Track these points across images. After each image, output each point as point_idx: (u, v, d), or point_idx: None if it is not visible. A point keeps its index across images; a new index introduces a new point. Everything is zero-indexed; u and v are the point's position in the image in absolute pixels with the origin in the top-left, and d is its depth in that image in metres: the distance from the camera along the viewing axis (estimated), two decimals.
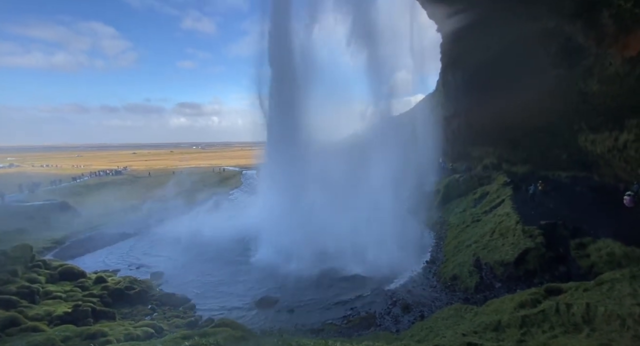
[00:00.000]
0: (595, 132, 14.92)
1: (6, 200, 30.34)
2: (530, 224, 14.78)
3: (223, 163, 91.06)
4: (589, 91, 13.28)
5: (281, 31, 31.48)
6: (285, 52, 31.65)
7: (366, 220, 22.14)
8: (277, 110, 33.13)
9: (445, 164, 33.29)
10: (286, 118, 32.68)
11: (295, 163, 30.68)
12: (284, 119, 32.74)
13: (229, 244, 22.86)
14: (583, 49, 12.30)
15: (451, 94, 27.57)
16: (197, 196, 41.30)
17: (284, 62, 31.87)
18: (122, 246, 24.25)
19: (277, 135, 33.19)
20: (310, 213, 22.85)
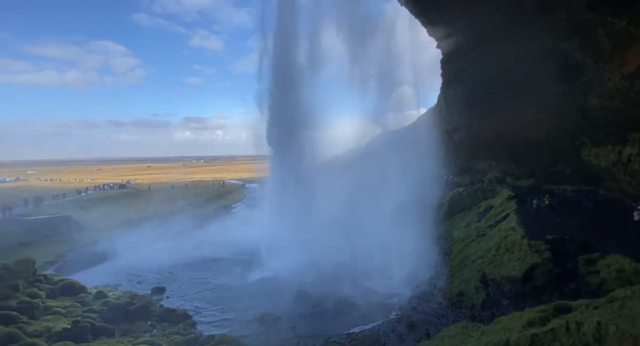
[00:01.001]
0: (598, 146, 14.92)
1: (13, 214, 30.53)
2: (537, 239, 14.54)
3: (226, 176, 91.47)
4: (590, 106, 13.39)
5: (284, 47, 32.45)
6: (288, 66, 32.50)
7: (370, 234, 21.95)
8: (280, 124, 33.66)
9: (448, 177, 33.21)
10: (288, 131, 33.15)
11: (298, 177, 30.81)
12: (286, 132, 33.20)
13: (231, 259, 22.69)
14: (581, 65, 12.50)
15: (452, 109, 27.86)
16: (200, 210, 41.31)
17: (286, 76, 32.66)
18: (123, 260, 24.09)
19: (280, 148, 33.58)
20: (314, 227, 22.68)
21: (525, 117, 18.74)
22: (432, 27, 23.71)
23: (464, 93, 25.08)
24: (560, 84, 14.50)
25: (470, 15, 16.23)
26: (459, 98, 25.72)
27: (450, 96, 27.56)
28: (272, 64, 33.47)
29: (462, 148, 28.83)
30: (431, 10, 19.66)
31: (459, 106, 26.31)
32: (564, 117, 15.80)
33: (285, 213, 28.05)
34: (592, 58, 11.65)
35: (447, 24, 19.77)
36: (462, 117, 26.54)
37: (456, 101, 26.55)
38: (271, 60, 33.49)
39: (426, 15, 21.82)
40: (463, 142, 28.23)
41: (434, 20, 21.52)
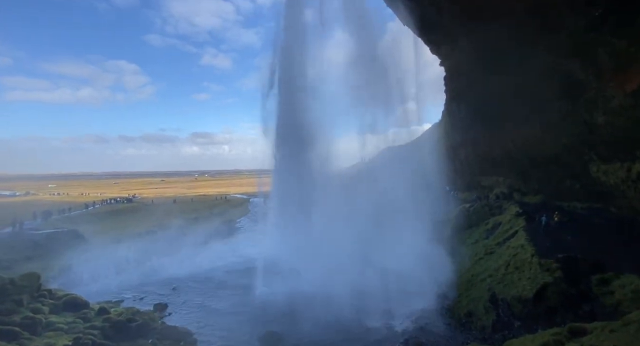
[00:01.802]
0: (606, 163, 14.76)
1: (23, 228, 30.91)
2: (547, 257, 14.16)
3: (231, 190, 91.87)
4: (595, 123, 13.38)
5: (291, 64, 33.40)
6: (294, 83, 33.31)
7: (374, 251, 21.63)
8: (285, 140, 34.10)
9: (454, 193, 32.88)
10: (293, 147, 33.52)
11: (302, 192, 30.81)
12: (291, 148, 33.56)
13: (234, 275, 22.40)
14: (584, 83, 12.61)
15: (457, 125, 28.00)
16: (204, 224, 41.28)
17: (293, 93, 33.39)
18: (127, 275, 24.00)
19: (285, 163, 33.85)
20: (319, 242, 22.47)
21: (530, 133, 18.74)
22: (435, 46, 24.27)
23: (468, 110, 25.28)
24: (564, 101, 14.58)
25: (471, 35, 16.64)
26: (463, 114, 25.91)
27: (455, 112, 27.78)
28: (279, 80, 34.41)
29: (467, 165, 28.72)
30: (433, 31, 20.22)
31: (464, 122, 26.45)
32: (570, 133, 15.76)
33: (288, 229, 27.91)
34: (594, 76, 11.77)
35: (450, 43, 20.25)
36: (467, 133, 26.62)
37: (460, 117, 26.72)
38: (278, 77, 34.46)
39: (428, 35, 22.42)
40: (469, 158, 28.16)
41: (436, 40, 22.08)
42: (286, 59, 33.73)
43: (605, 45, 10.19)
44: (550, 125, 16.77)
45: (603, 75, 11.42)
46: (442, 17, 17.40)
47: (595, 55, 10.83)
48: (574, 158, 16.73)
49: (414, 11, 19.56)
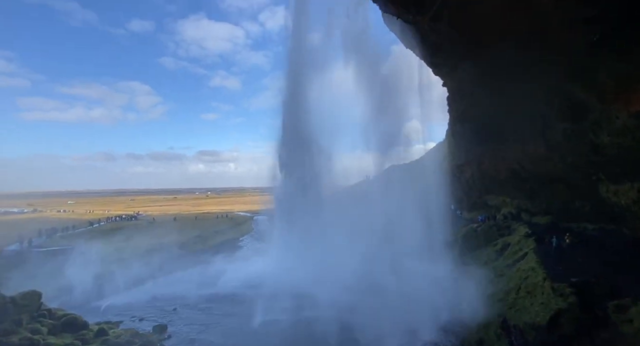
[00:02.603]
0: (616, 183, 14.53)
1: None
2: (559, 281, 13.65)
3: (235, 208, 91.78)
4: (601, 143, 13.31)
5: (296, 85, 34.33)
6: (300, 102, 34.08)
7: (379, 272, 21.11)
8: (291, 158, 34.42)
9: (460, 213, 32.40)
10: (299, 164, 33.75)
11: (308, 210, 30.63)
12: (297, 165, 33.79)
13: (236, 297, 21.85)
14: (587, 104, 12.69)
15: (461, 144, 28.05)
16: (208, 242, 40.96)
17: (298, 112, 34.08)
18: (127, 295, 23.65)
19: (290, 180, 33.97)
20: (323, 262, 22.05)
21: (535, 153, 18.65)
22: (437, 68, 24.81)
23: (472, 129, 25.39)
24: (568, 121, 14.61)
25: (472, 58, 17.04)
26: (467, 134, 26.01)
27: (459, 132, 27.92)
28: (284, 100, 35.29)
29: (473, 184, 28.48)
30: (435, 54, 20.76)
31: (468, 142, 26.51)
32: (575, 153, 15.66)
33: (292, 249, 27.52)
34: (597, 98, 11.85)
35: (451, 66, 20.71)
36: (472, 152, 26.60)
37: (464, 137, 26.82)
38: (284, 97, 35.37)
39: (431, 58, 22.98)
40: (474, 177, 27.97)
41: (438, 62, 22.61)
42: (292, 80, 34.79)
43: (606, 68, 10.34)
44: (555, 145, 16.71)
45: (606, 97, 11.50)
46: (442, 41, 17.93)
47: (596, 77, 10.96)
48: (582, 178, 16.51)
49: (415, 35, 20.20)
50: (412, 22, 18.43)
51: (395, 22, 21.14)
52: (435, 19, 15.87)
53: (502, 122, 20.13)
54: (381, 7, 20.76)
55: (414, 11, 16.92)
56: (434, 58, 22.40)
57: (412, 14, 17.30)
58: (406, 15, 18.09)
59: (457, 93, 24.19)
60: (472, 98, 22.07)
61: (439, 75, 26.60)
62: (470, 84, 20.21)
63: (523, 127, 18.11)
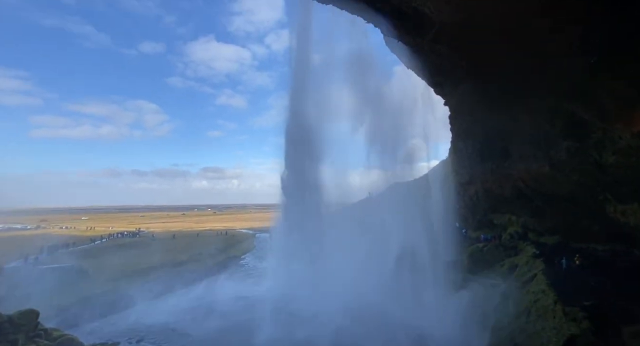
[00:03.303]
0: (623, 203, 14.30)
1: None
2: (571, 304, 13.14)
3: (237, 225, 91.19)
4: (605, 162, 13.25)
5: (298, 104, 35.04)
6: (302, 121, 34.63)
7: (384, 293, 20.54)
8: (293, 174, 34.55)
9: (465, 231, 31.84)
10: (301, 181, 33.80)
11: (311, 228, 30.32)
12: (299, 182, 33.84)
13: (235, 319, 21.21)
14: (589, 123, 12.76)
15: (464, 162, 28.02)
16: (209, 261, 40.39)
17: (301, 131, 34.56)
18: (126, 315, 23.12)
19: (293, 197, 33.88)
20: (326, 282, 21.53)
21: (539, 171, 18.53)
22: (439, 88, 25.29)
23: (474, 147, 25.45)
24: (571, 139, 14.63)
25: (472, 78, 17.39)
26: (470, 152, 26.03)
27: (461, 150, 27.97)
28: (288, 119, 35.91)
29: (478, 202, 28.16)
30: (436, 74, 21.24)
31: (471, 160, 26.48)
32: (580, 172, 15.54)
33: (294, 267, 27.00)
34: (598, 118, 11.93)
35: (452, 85, 21.11)
36: (475, 170, 26.51)
37: (467, 155, 26.83)
38: (287, 116, 36.02)
39: (432, 78, 23.49)
40: (478, 195, 27.70)
41: (439, 82, 23.08)
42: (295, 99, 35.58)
43: (605, 89, 10.48)
44: (559, 163, 16.63)
45: (607, 117, 11.57)
46: (442, 62, 18.39)
47: (597, 98, 11.09)
48: (588, 197, 16.29)
49: (416, 57, 20.76)
50: (412, 45, 19.01)
51: (396, 43, 21.82)
52: (434, 42, 16.37)
53: (505, 140, 20.20)
54: (382, 30, 21.50)
55: (414, 34, 17.49)
56: (434, 78, 22.89)
57: (412, 36, 17.88)
58: (406, 37, 18.69)
59: (458, 112, 24.48)
60: (473, 117, 22.30)
61: (440, 95, 27.05)
62: (471, 103, 20.49)
63: (526, 145, 18.14)
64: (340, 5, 19.59)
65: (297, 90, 35.50)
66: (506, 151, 21.24)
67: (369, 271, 23.75)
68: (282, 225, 33.81)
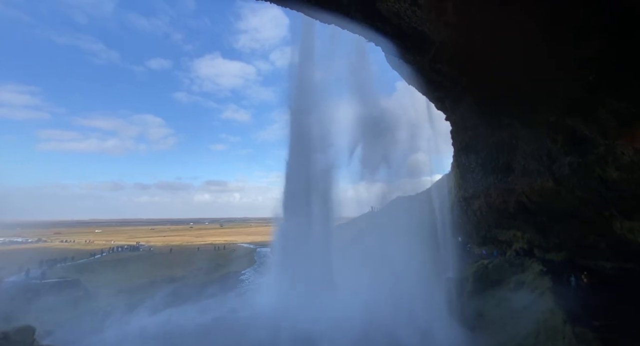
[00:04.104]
0: (630, 220, 14.07)
1: (24, 276, 30.51)
2: (581, 325, 12.75)
3: (238, 239, 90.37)
4: (609, 178, 13.14)
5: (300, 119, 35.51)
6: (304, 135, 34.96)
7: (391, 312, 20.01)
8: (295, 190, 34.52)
9: (469, 247, 31.31)
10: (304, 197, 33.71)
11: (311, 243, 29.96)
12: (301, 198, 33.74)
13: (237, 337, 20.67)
14: (590, 139, 12.75)
15: (467, 176, 27.92)
16: (208, 276, 39.82)
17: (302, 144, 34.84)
18: (123, 332, 22.58)
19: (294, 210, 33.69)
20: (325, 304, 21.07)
21: (543, 186, 18.38)
22: (439, 103, 25.57)
23: (477, 161, 25.42)
24: (573, 155, 14.58)
25: (473, 94, 17.59)
26: (473, 166, 25.97)
27: (464, 164, 27.93)
28: (290, 133, 36.28)
29: (482, 217, 27.82)
30: (436, 90, 21.52)
31: (474, 174, 26.39)
32: (584, 187, 15.39)
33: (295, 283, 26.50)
34: (599, 133, 11.93)
35: (453, 101, 21.33)
36: (478, 184, 26.36)
37: (470, 169, 26.75)
38: (289, 131, 36.43)
39: (432, 93, 23.79)
40: (482, 210, 27.40)
41: (440, 98, 23.34)
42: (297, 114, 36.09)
43: (605, 105, 10.55)
44: (562, 178, 16.50)
45: (608, 133, 11.58)
46: (442, 80, 18.67)
47: (597, 114, 11.15)
48: (594, 213, 16.05)
49: (416, 74, 21.11)
50: (412, 62, 19.38)
51: (397, 61, 22.26)
52: (434, 60, 16.69)
53: (508, 155, 20.17)
54: (383, 48, 22.00)
55: (414, 52, 17.86)
56: (435, 94, 23.17)
57: (413, 54, 18.25)
58: (407, 56, 19.08)
59: (460, 127, 24.61)
60: (475, 132, 22.38)
61: (441, 110, 27.32)
62: (472, 118, 20.62)
63: (529, 160, 18.09)
64: (341, 25, 20.15)
65: (298, 105, 36.09)
66: (509, 166, 21.16)
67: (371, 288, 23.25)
68: (282, 241, 33.48)
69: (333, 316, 20.15)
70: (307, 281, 25.59)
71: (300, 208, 32.92)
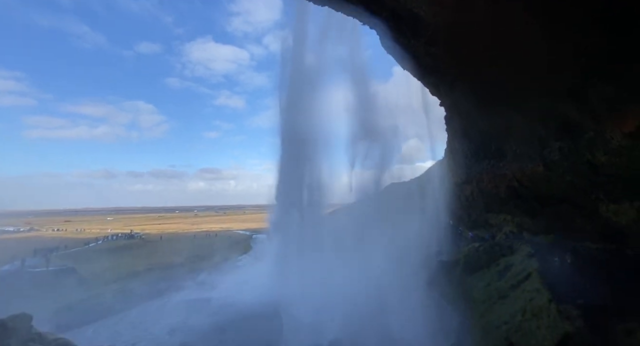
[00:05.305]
0: (615, 203, 14.51)
1: (18, 265, 30.42)
2: (565, 303, 13.33)
3: (234, 226, 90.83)
4: (599, 162, 13.43)
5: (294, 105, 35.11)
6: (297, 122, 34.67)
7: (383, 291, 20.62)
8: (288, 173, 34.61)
9: (461, 231, 32.05)
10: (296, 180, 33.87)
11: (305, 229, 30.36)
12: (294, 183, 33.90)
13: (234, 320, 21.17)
14: (580, 124, 12.93)
15: (460, 162, 28.21)
16: (204, 262, 40.22)
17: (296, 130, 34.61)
18: (122, 318, 22.93)
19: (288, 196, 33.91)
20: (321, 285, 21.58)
21: (533, 171, 18.73)
22: (434, 88, 25.43)
23: (470, 147, 25.64)
24: (564, 140, 14.81)
25: (467, 80, 17.54)
26: (466, 152, 26.21)
27: (457, 150, 28.16)
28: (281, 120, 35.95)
29: (474, 202, 28.36)
30: (431, 75, 21.35)
31: (467, 160, 26.67)
32: (574, 172, 15.73)
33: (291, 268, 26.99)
34: (590, 118, 12.10)
35: (447, 86, 21.24)
36: (471, 170, 26.70)
37: (463, 155, 27.01)
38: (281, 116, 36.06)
39: (427, 78, 23.62)
40: (474, 195, 27.89)
41: (435, 83, 23.20)
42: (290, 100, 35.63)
43: (595, 90, 10.64)
44: (552, 164, 16.81)
45: (598, 118, 11.75)
46: (438, 64, 18.51)
47: (587, 99, 11.26)
48: (582, 196, 16.49)
49: (411, 58, 20.86)
50: (407, 46, 19.10)
51: (392, 45, 21.90)
52: (429, 44, 16.46)
53: (500, 140, 20.38)
54: (378, 32, 21.57)
55: (409, 36, 17.57)
56: (430, 79, 23.01)
57: (407, 38, 17.95)
58: (401, 39, 18.77)
59: (454, 112, 24.65)
60: (468, 117, 22.46)
61: (436, 95, 27.20)
62: (466, 104, 20.63)
63: (520, 145, 18.33)
64: (335, 7, 19.62)
65: (291, 91, 35.57)
66: (501, 151, 21.43)
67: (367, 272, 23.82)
68: (277, 227, 33.83)
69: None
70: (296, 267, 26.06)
71: (292, 196, 33.12)
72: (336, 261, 25.98)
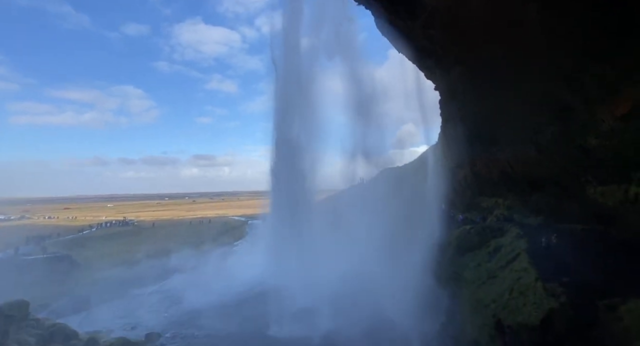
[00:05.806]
0: (603, 185, 14.85)
1: (12, 253, 30.21)
2: (551, 281, 13.87)
3: (230, 212, 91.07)
4: (589, 146, 13.63)
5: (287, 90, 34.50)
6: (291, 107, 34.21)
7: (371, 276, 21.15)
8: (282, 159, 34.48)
9: (454, 214, 32.65)
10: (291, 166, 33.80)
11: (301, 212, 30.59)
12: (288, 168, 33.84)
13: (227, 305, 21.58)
14: (574, 107, 13.01)
15: (453, 146, 28.35)
16: (201, 248, 40.52)
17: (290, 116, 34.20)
18: (119, 303, 23.22)
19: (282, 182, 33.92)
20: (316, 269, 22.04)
21: (526, 155, 18.96)
22: (429, 72, 25.16)
23: (463, 132, 25.67)
24: (556, 124, 14.93)
25: (463, 62, 17.37)
26: (459, 136, 26.28)
27: (451, 134, 28.22)
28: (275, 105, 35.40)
29: (466, 186, 28.75)
30: (427, 58, 21.09)
31: (460, 144, 26.77)
32: (565, 155, 15.97)
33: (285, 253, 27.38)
34: (582, 101, 12.17)
35: (443, 69, 21.03)
36: (464, 154, 26.88)
37: (456, 139, 27.09)
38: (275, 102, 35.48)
39: (422, 61, 23.32)
40: (467, 179, 28.24)
41: (430, 66, 22.94)
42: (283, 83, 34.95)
43: (589, 72, 10.65)
44: (544, 148, 17.02)
45: (591, 101, 11.82)
46: (433, 46, 18.24)
47: (581, 81, 11.28)
48: (571, 180, 16.83)
49: (407, 41, 20.50)
50: (403, 28, 18.71)
51: (387, 27, 21.41)
52: (426, 26, 16.16)
53: (493, 123, 20.46)
54: (374, 13, 21.02)
55: (405, 17, 17.18)
56: (425, 62, 22.73)
57: (404, 20, 17.57)
58: (398, 21, 18.36)
59: (448, 96, 24.52)
60: (462, 101, 22.40)
61: (430, 79, 26.96)
62: (461, 87, 20.53)
63: (514, 129, 18.44)
64: None
65: (284, 76, 34.84)
66: (494, 135, 21.54)
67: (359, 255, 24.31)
68: (271, 212, 34.01)
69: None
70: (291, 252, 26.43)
71: (285, 181, 33.13)
72: (330, 246, 26.41)
